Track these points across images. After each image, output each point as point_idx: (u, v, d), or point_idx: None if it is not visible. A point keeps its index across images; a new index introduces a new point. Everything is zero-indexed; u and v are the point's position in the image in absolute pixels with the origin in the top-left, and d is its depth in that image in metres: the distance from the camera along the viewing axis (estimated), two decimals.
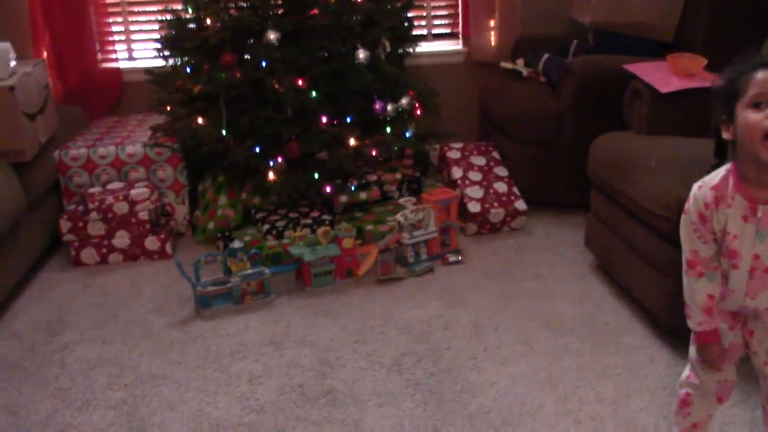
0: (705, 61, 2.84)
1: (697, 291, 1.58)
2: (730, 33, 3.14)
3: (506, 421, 2.04)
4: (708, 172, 1.56)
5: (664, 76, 2.83)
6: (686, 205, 1.57)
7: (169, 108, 3.39)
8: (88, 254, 3.15)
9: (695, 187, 1.55)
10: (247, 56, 3.10)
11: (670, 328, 2.34)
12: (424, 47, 3.99)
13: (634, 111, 2.91)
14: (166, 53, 3.37)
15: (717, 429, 1.96)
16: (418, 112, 3.49)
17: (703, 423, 1.77)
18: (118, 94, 4.02)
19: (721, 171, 1.52)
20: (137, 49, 4.08)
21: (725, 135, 1.50)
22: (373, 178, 3.42)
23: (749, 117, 1.41)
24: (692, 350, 1.69)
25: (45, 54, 3.76)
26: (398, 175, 3.49)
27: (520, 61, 3.89)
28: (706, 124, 1.59)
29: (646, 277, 2.43)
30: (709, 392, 1.71)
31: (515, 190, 3.43)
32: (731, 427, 1.97)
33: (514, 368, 2.30)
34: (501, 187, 3.43)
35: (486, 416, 2.06)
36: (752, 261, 1.50)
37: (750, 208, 1.47)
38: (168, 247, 3.20)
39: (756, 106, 1.40)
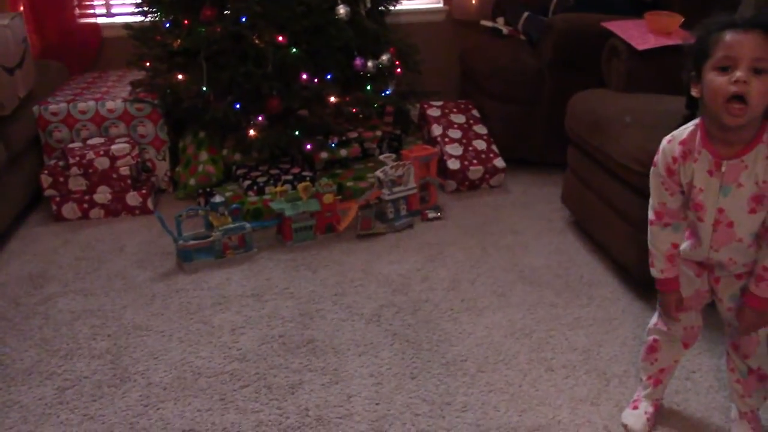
0: (681, 19, 2.87)
1: (662, 239, 1.64)
2: None
3: (481, 368, 2.10)
4: (679, 124, 1.61)
5: (641, 33, 2.87)
6: (655, 158, 1.62)
7: (148, 64, 3.38)
8: (70, 209, 3.16)
9: (665, 141, 1.60)
10: (227, 11, 3.09)
11: (642, 280, 2.40)
12: (405, 4, 3.99)
13: (611, 68, 2.94)
14: (145, 8, 3.34)
15: (684, 376, 2.03)
16: (399, 69, 3.50)
17: (669, 368, 1.84)
18: (97, 50, 3.99)
19: (690, 126, 1.57)
20: (116, 4, 4.04)
21: (694, 92, 1.54)
22: (353, 135, 3.44)
23: (714, 80, 1.43)
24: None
25: (21, 8, 3.71)
26: (378, 133, 3.51)
27: (501, 20, 3.90)
28: (681, 82, 1.63)
29: (620, 231, 2.49)
30: (676, 338, 1.78)
31: (494, 147, 3.47)
32: (697, 375, 2.05)
33: (490, 319, 2.36)
34: (480, 144, 3.47)
35: (462, 364, 2.12)
36: (716, 214, 1.56)
37: (715, 163, 1.52)
38: (149, 203, 3.22)
39: (722, 69, 1.43)
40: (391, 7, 3.63)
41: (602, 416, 1.89)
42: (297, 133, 3.20)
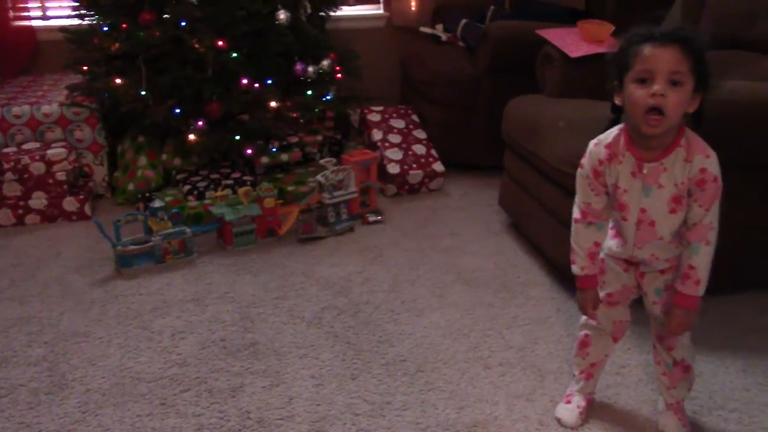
0: (612, 28, 2.97)
1: (585, 237, 1.72)
2: (637, 1, 3.28)
3: (421, 368, 2.14)
4: (605, 128, 1.68)
5: (574, 41, 2.96)
6: (582, 160, 1.69)
7: (86, 67, 3.33)
8: (4, 215, 3.09)
9: (591, 144, 1.68)
10: (166, 15, 3.07)
11: (575, 280, 2.47)
12: (345, 11, 4.03)
13: (546, 75, 3.03)
14: (83, 12, 3.30)
15: (614, 371, 2.11)
16: (339, 75, 3.53)
17: (600, 363, 1.91)
18: (31, 53, 3.92)
19: (615, 130, 1.65)
20: (52, 7, 3.98)
21: (616, 101, 1.62)
22: (294, 139, 3.45)
23: (634, 92, 1.51)
24: None
25: None
26: (319, 137, 3.53)
27: (440, 26, 3.97)
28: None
29: (555, 232, 2.56)
30: (606, 332, 1.85)
31: (433, 152, 3.53)
32: (627, 369, 2.13)
33: (430, 320, 2.40)
34: (420, 149, 3.52)
35: (402, 364, 2.16)
36: (639, 214, 1.64)
37: (637, 165, 1.60)
38: (87, 209, 3.18)
39: (641, 81, 1.50)
40: (332, 13, 3.67)
41: (537, 411, 1.95)
42: (238, 137, 3.20)
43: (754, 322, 2.37)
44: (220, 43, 3.05)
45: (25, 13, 3.89)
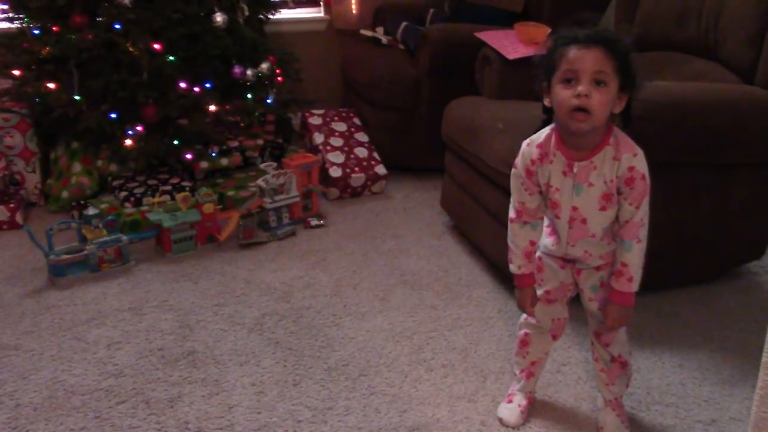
0: (548, 30, 3.00)
1: (521, 236, 1.73)
2: (573, 3, 3.33)
3: (363, 372, 2.13)
4: (538, 128, 1.70)
5: (511, 43, 2.98)
6: (516, 160, 1.71)
7: (17, 72, 3.22)
8: None
9: (524, 144, 1.70)
10: (98, 18, 3.00)
11: None
12: (285, 14, 4.00)
13: (484, 76, 3.05)
14: (11, 14, 3.20)
15: (555, 369, 2.13)
16: (279, 78, 3.50)
17: (540, 361, 1.92)
18: None
19: (546, 130, 1.67)
20: None
21: (545, 102, 1.64)
22: (234, 144, 3.41)
23: (560, 93, 1.54)
24: None
25: None
26: (260, 141, 3.49)
27: (380, 29, 3.97)
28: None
29: (495, 233, 2.57)
30: (545, 330, 1.87)
31: (375, 155, 3.52)
32: (567, 367, 2.15)
33: (372, 323, 2.39)
34: (362, 152, 3.51)
35: (344, 369, 2.14)
36: (570, 212, 1.66)
37: (568, 164, 1.62)
38: (18, 217, 3.08)
39: (567, 81, 1.53)
40: (271, 16, 3.63)
41: (479, 412, 1.95)
42: (176, 142, 3.13)
43: (689, 318, 2.42)
44: (156, 46, 2.99)
45: None
